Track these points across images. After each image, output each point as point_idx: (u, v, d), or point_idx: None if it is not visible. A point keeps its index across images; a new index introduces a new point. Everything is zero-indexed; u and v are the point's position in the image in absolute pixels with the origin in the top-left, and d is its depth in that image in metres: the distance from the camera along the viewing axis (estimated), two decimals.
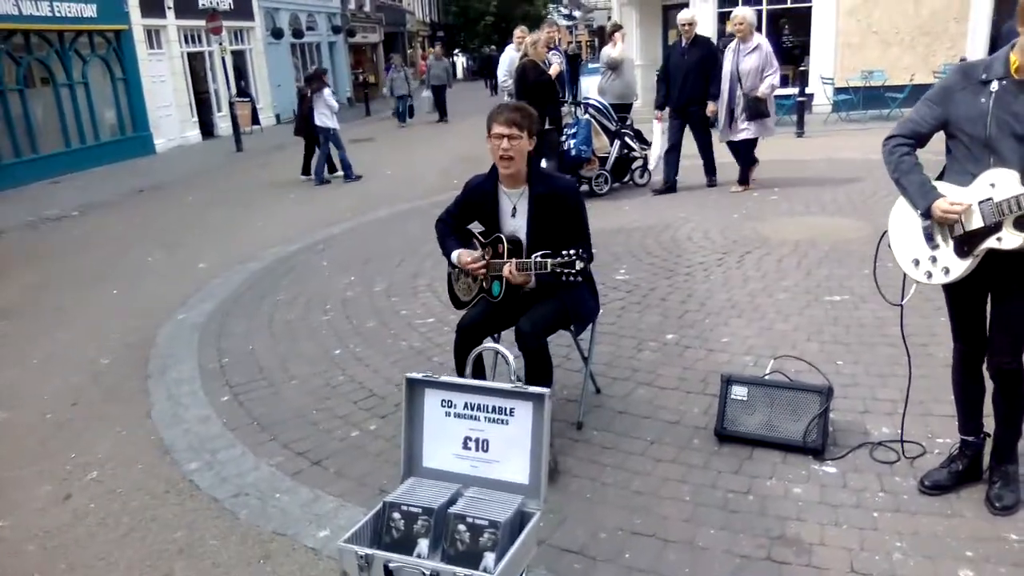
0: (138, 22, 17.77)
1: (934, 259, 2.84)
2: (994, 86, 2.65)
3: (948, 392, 3.31)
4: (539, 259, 3.28)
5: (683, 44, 8.76)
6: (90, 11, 16.28)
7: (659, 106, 9.11)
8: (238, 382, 4.66)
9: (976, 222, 2.69)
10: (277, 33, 24.80)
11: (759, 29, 12.01)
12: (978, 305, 2.96)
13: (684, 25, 8.71)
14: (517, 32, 11.10)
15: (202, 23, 19.30)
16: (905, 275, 3.02)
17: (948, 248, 2.79)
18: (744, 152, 8.88)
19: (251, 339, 5.36)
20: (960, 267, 2.77)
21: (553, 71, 9.02)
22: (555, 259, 3.21)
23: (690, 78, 8.58)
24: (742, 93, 8.42)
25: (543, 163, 8.38)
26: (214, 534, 3.18)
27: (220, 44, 19.69)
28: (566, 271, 3.18)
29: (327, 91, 12.21)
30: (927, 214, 2.78)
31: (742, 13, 8.45)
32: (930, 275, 2.86)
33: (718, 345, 4.63)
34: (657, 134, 9.30)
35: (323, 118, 12.07)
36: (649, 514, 3.09)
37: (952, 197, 2.73)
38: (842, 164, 10.05)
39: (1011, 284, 2.79)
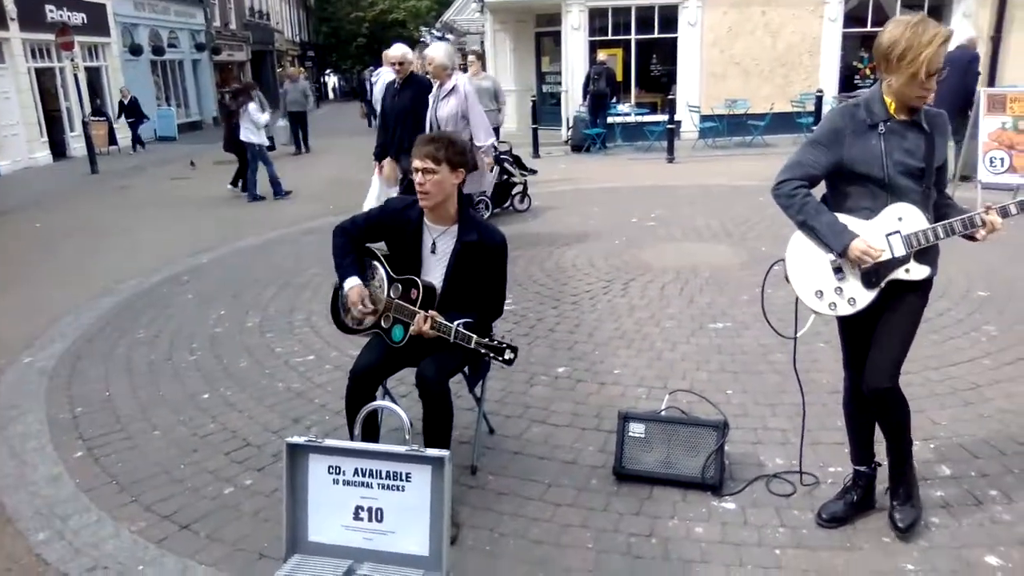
0: None
1: (840, 290, 2.88)
2: (881, 128, 2.76)
3: (836, 419, 3.37)
4: (461, 330, 3.03)
5: (396, 84, 7.39)
6: None
7: (377, 156, 7.46)
8: (93, 435, 4.20)
9: (886, 255, 2.78)
10: (135, 50, 23.52)
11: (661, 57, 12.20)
12: (869, 334, 2.99)
13: (395, 64, 7.38)
14: (389, 54, 10.82)
15: (51, 37, 18.04)
16: (797, 307, 3.02)
17: (856, 280, 2.85)
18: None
19: (108, 384, 4.87)
20: (867, 298, 2.85)
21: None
22: (482, 339, 3.00)
23: (405, 123, 7.14)
24: None
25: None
26: None
27: (72, 60, 18.44)
28: (491, 355, 2.99)
29: (252, 105, 11.70)
30: (843, 253, 2.80)
31: (431, 52, 7.30)
32: (834, 306, 2.90)
33: (610, 377, 4.56)
34: (373, 188, 7.53)
35: (248, 133, 11.64)
36: (551, 566, 2.94)
37: (865, 236, 2.78)
38: (713, 190, 10.38)
39: (895, 308, 2.88)
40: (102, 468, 3.85)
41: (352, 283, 3.30)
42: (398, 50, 7.45)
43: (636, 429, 3.49)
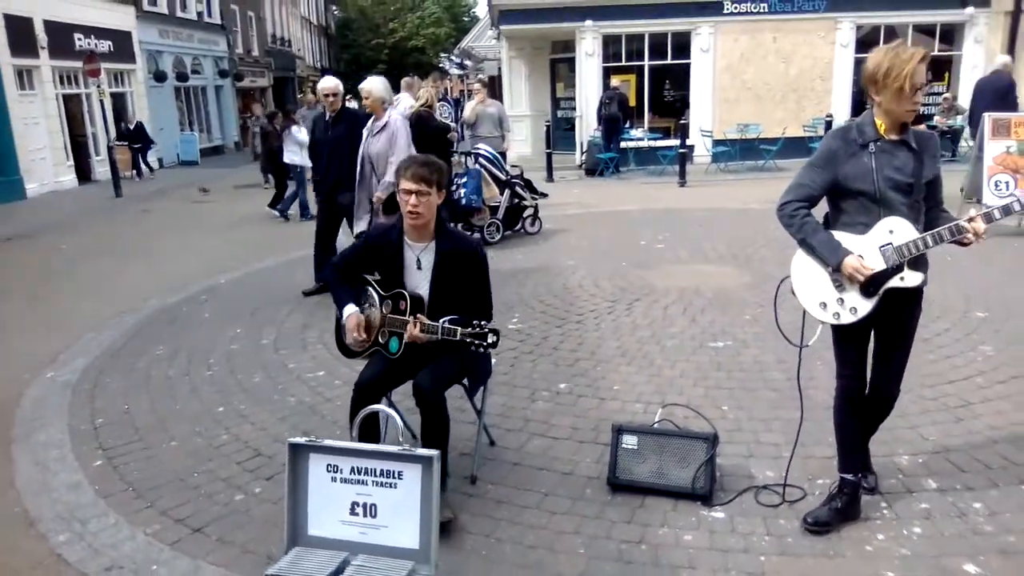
0: (7, 61, 16.88)
1: (841, 301, 3.10)
2: (872, 147, 3.04)
3: (829, 435, 3.48)
4: (447, 325, 3.24)
5: (328, 117, 7.23)
6: None
7: (316, 190, 7.41)
8: (112, 445, 4.39)
9: (880, 265, 3.02)
10: (160, 76, 24.09)
11: (654, 84, 12.40)
12: (864, 342, 3.23)
13: (328, 96, 7.18)
14: (405, 82, 11.17)
15: (79, 64, 18.55)
16: (804, 318, 3.23)
17: (855, 291, 3.07)
18: None
19: (127, 398, 5.07)
20: (867, 307, 3.06)
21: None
22: (465, 328, 3.18)
23: (338, 158, 6.98)
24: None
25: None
26: None
27: (98, 87, 18.93)
28: (476, 342, 3.16)
29: (295, 128, 12.08)
30: (837, 268, 3.04)
31: (368, 84, 6.77)
32: (838, 316, 3.12)
33: (609, 393, 4.70)
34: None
35: (292, 155, 11.99)
36: (544, 570, 3.07)
37: (860, 250, 3.03)
38: (722, 213, 10.51)
39: (897, 319, 3.17)
40: (120, 476, 4.03)
41: (349, 311, 3.54)
42: (330, 82, 7.29)
43: (629, 441, 3.62)
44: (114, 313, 7.14)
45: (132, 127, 20.77)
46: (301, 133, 11.96)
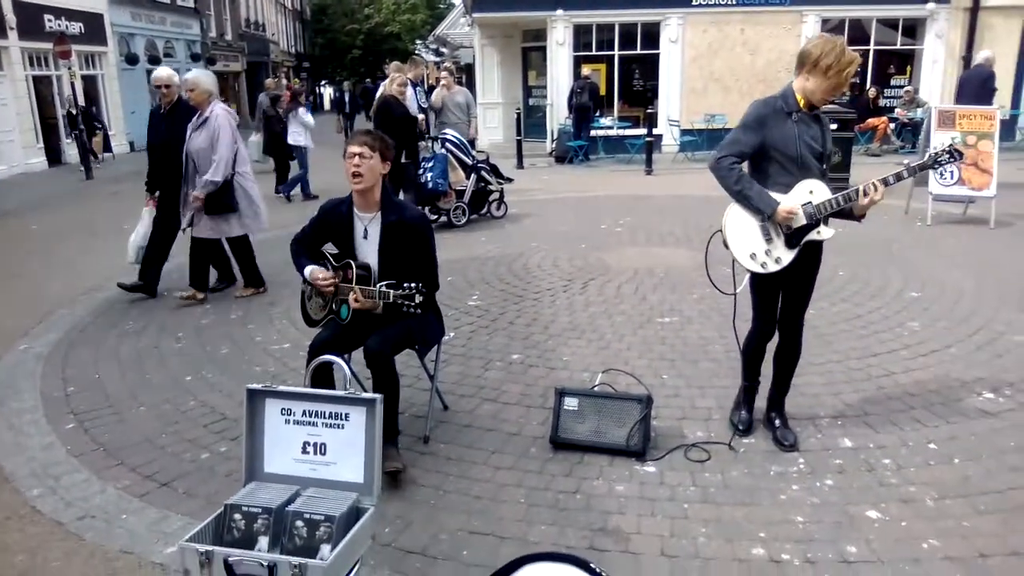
0: None
1: (768, 251, 3.59)
2: (794, 116, 3.50)
3: (758, 400, 3.95)
4: (383, 288, 3.50)
5: (162, 110, 6.78)
6: None
7: (149, 187, 6.94)
8: (83, 410, 4.60)
9: (801, 220, 3.51)
10: (132, 59, 23.98)
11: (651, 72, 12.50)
12: (777, 293, 3.78)
13: (160, 87, 6.68)
14: (392, 68, 11.40)
15: (49, 46, 18.47)
16: (735, 268, 3.73)
17: (780, 242, 3.58)
18: (234, 253, 7.02)
19: (98, 368, 5.27)
20: (789, 256, 3.58)
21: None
22: (397, 290, 3.44)
23: (170, 153, 6.56)
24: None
25: (400, 195, 8.66)
26: (58, 556, 3.18)
27: (69, 68, 18.86)
28: (406, 303, 3.41)
29: (302, 110, 12.37)
30: (770, 216, 3.50)
31: (194, 76, 6.49)
32: (764, 265, 3.62)
33: (559, 363, 4.98)
34: (143, 223, 7.05)
35: (297, 136, 12.24)
36: (487, 516, 3.34)
37: (785, 203, 3.49)
38: (684, 200, 10.82)
39: (805, 269, 3.70)
40: (91, 438, 4.24)
41: (309, 269, 3.78)
42: (164, 71, 6.84)
43: (570, 403, 3.90)
44: (85, 290, 7.31)
45: (76, 111, 18.83)
46: (307, 116, 12.31)
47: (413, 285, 3.40)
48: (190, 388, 4.87)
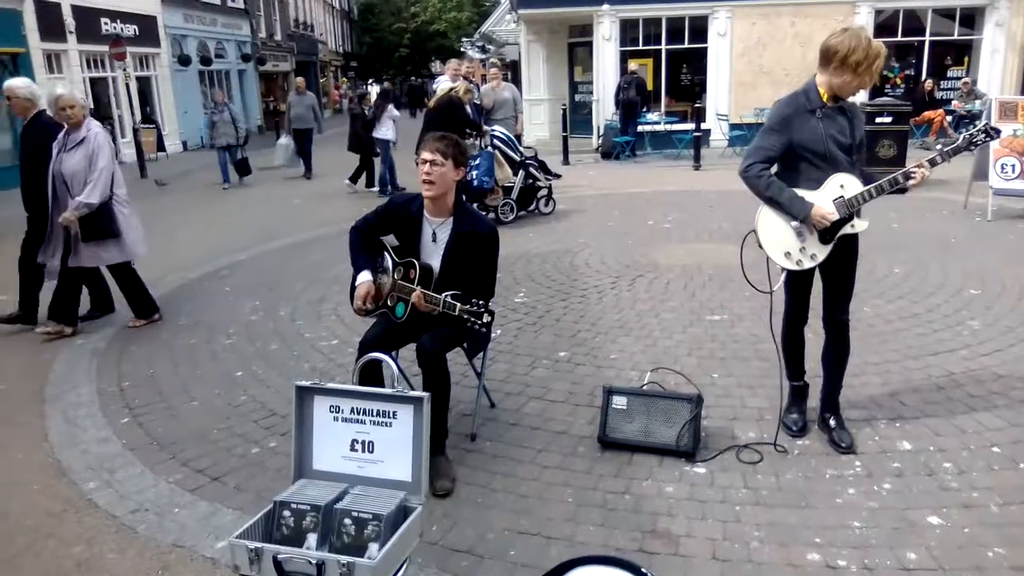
0: (36, 46, 17.31)
1: (803, 249, 3.53)
2: (819, 112, 3.43)
3: (811, 400, 3.88)
4: (449, 299, 3.41)
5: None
6: None
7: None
8: (137, 405, 4.68)
9: (835, 217, 3.44)
10: (184, 60, 24.47)
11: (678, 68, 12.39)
12: (810, 283, 3.75)
13: (9, 98, 6.10)
14: (453, 63, 11.55)
15: (105, 48, 18.94)
16: (769, 267, 3.66)
17: (814, 239, 3.52)
18: (119, 282, 6.36)
19: (151, 363, 5.37)
20: (824, 251, 3.53)
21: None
22: (464, 304, 3.36)
23: (29, 173, 6.02)
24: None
25: None
26: (112, 548, 3.24)
27: (124, 70, 19.33)
28: (472, 319, 3.34)
29: (391, 106, 12.99)
30: (804, 219, 3.45)
31: (63, 91, 5.91)
32: (800, 263, 3.55)
33: (606, 361, 4.92)
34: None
35: (386, 131, 12.67)
36: (534, 515, 3.31)
37: (819, 204, 3.43)
38: (733, 196, 10.57)
39: (843, 260, 3.62)
40: (145, 431, 4.32)
41: (362, 278, 3.74)
42: (20, 82, 6.21)
43: (619, 402, 3.85)
44: None
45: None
46: (395, 111, 12.75)
47: (481, 303, 3.34)
48: (240, 383, 4.92)
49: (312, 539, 2.33)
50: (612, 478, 3.59)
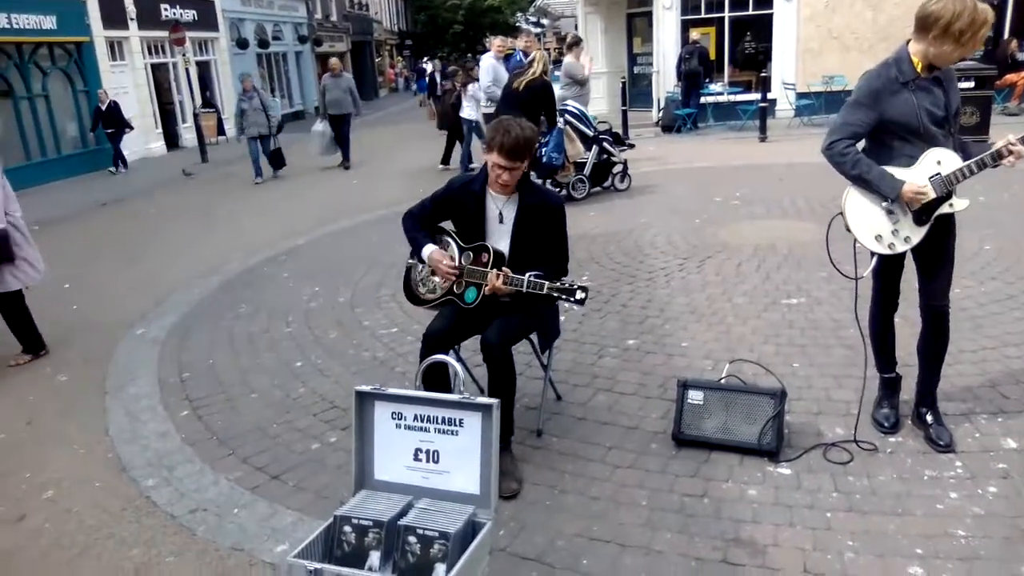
0: (100, 34, 17.59)
1: (896, 231, 3.26)
2: (912, 85, 3.14)
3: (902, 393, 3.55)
4: (533, 279, 3.21)
5: None
6: (49, 23, 16.07)
7: None
8: (197, 396, 4.62)
9: (931, 195, 3.16)
10: (242, 43, 24.65)
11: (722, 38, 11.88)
12: (901, 267, 3.48)
13: None
14: (497, 41, 11.32)
15: (165, 34, 19.15)
16: (856, 252, 3.38)
17: (908, 220, 3.24)
18: (4, 312, 5.63)
19: (212, 353, 5.32)
20: (919, 234, 3.25)
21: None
22: (553, 283, 3.17)
23: None
24: None
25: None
26: (171, 551, 3.16)
27: (184, 55, 19.52)
28: (564, 296, 3.16)
29: (473, 85, 12.40)
30: (896, 198, 3.18)
31: None
32: (893, 246, 3.28)
33: (677, 350, 4.67)
34: None
35: (470, 110, 12.30)
36: (606, 520, 3.11)
37: (912, 180, 3.16)
38: (802, 168, 10.17)
39: (939, 242, 3.31)
40: (205, 425, 4.25)
41: (430, 248, 3.55)
42: None
43: (695, 396, 3.61)
44: (199, 273, 7.46)
45: (105, 107, 16.25)
46: (478, 90, 12.06)
47: (573, 281, 3.15)
48: (299, 374, 4.83)
49: (375, 557, 2.18)
50: (689, 479, 3.36)
